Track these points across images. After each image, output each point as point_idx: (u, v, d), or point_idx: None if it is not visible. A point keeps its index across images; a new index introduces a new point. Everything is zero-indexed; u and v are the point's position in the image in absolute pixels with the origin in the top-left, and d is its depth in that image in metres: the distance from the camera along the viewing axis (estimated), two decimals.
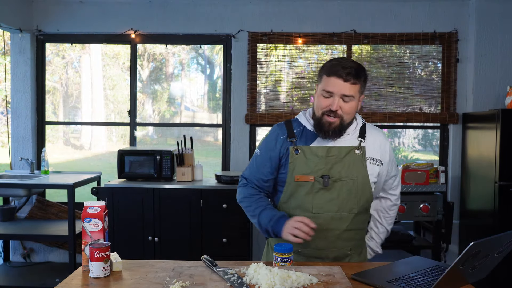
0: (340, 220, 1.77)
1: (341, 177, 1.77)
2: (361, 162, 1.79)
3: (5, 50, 4.66)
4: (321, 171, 1.76)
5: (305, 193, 1.78)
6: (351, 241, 1.82)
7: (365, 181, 1.79)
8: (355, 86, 1.72)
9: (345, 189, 1.77)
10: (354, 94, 1.73)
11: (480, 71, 3.95)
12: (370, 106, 4.10)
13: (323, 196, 1.77)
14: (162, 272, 1.58)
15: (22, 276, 3.80)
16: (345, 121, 1.76)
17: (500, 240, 1.32)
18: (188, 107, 8.20)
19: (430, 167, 3.55)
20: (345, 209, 1.77)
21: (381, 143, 1.86)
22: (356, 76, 1.72)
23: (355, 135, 1.83)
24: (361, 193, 1.79)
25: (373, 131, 1.88)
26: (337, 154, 1.78)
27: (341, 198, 1.77)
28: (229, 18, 4.06)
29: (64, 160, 9.14)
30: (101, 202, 1.64)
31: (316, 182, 1.76)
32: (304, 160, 1.78)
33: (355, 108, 1.77)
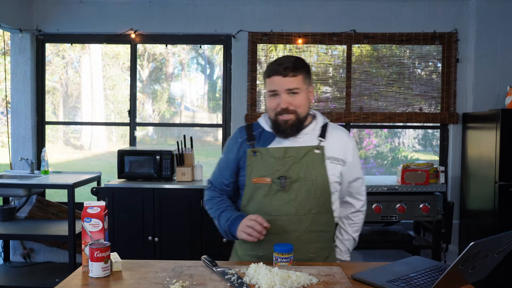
0: (299, 221, 1.75)
1: (299, 178, 1.74)
2: (320, 162, 1.76)
3: (5, 50, 4.66)
4: (279, 172, 1.74)
5: (263, 195, 1.76)
6: (313, 244, 1.78)
7: (325, 181, 1.76)
8: (296, 78, 1.71)
9: (303, 189, 1.74)
10: (298, 85, 1.72)
11: (480, 71, 3.95)
12: (370, 106, 4.10)
13: (281, 198, 1.75)
14: (162, 272, 1.58)
15: (22, 276, 3.80)
16: (301, 115, 1.74)
17: (500, 240, 1.32)
18: (188, 107, 8.20)
19: (430, 167, 3.55)
20: (303, 210, 1.74)
21: (343, 142, 1.83)
22: (294, 69, 1.71)
23: (315, 134, 1.80)
24: (320, 193, 1.76)
25: (335, 130, 1.85)
26: (295, 154, 1.75)
27: (299, 199, 1.74)
28: (229, 18, 4.06)
29: (64, 160, 9.14)
30: (101, 202, 1.64)
31: (274, 184, 1.74)
32: (262, 162, 1.77)
33: (306, 100, 1.75)
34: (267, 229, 1.69)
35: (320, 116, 1.86)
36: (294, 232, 1.75)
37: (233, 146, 1.85)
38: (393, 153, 7.44)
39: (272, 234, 1.73)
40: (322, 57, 4.13)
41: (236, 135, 1.88)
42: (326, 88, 4.19)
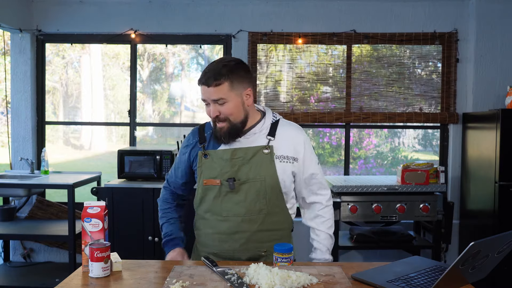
0: (250, 222, 1.76)
1: (248, 179, 1.74)
2: (269, 162, 1.75)
3: (5, 50, 4.65)
4: (228, 174, 1.75)
5: (214, 197, 1.78)
6: (265, 243, 1.79)
7: (274, 181, 1.75)
8: (219, 87, 1.67)
9: (253, 190, 1.75)
10: (223, 95, 1.67)
11: (480, 71, 3.95)
12: (370, 106, 4.10)
13: (231, 199, 1.76)
14: (162, 272, 1.58)
15: (22, 276, 3.80)
16: (234, 121, 1.72)
17: (500, 240, 1.32)
18: (188, 107, 8.20)
19: (430, 167, 3.55)
20: (254, 210, 1.75)
21: (293, 140, 1.80)
22: (217, 77, 1.66)
23: (264, 133, 1.79)
24: (270, 193, 1.76)
25: (286, 127, 1.82)
26: (243, 155, 1.75)
27: (249, 200, 1.75)
28: (229, 18, 4.06)
29: (64, 160, 9.15)
30: (101, 202, 1.64)
31: (223, 186, 1.75)
32: (211, 164, 1.78)
33: (237, 107, 1.71)
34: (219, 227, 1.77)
35: (270, 113, 1.84)
36: (246, 232, 1.77)
37: (186, 148, 1.87)
38: (393, 153, 7.44)
39: (224, 234, 1.78)
40: (322, 57, 4.13)
41: (189, 136, 1.90)
42: (326, 88, 4.19)
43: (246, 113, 1.75)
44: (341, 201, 3.39)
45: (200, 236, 1.89)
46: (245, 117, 1.75)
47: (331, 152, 7.64)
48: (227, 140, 1.75)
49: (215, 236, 1.81)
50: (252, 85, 1.79)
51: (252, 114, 1.79)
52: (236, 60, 1.76)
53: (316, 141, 7.73)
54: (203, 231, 1.86)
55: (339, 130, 6.04)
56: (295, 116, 4.04)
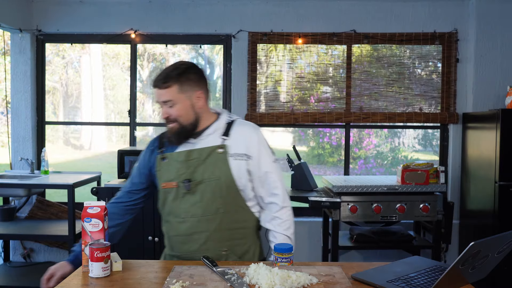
0: (207, 222, 1.78)
1: (204, 179, 1.77)
2: (223, 160, 1.77)
3: (5, 50, 4.65)
4: (184, 175, 1.78)
5: (172, 199, 1.81)
6: (225, 242, 1.81)
7: (230, 180, 1.77)
8: (168, 89, 1.73)
9: (208, 190, 1.77)
10: (172, 97, 1.73)
11: (480, 71, 3.95)
12: (370, 106, 4.10)
13: (188, 201, 1.79)
14: (162, 272, 1.58)
15: (22, 276, 3.80)
16: (184, 123, 1.76)
17: (500, 240, 1.32)
18: None
19: (430, 167, 3.55)
20: (210, 210, 1.77)
21: (247, 137, 1.81)
22: (165, 80, 1.72)
23: (218, 133, 1.81)
24: (227, 192, 1.77)
25: (241, 127, 1.84)
26: (198, 156, 1.78)
27: (205, 200, 1.77)
28: (229, 18, 4.06)
29: (64, 160, 9.15)
30: (101, 202, 1.64)
31: (180, 188, 1.78)
32: (169, 167, 1.81)
33: (186, 109, 1.75)
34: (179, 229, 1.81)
35: (226, 114, 1.87)
36: (204, 232, 1.79)
37: (145, 155, 1.91)
38: (393, 153, 7.44)
39: (183, 236, 1.81)
40: (322, 57, 4.13)
41: (149, 144, 1.94)
42: (326, 88, 4.19)
43: (197, 115, 1.79)
44: (341, 201, 3.39)
45: (165, 239, 1.92)
46: (195, 119, 1.78)
47: (331, 152, 7.65)
48: (176, 140, 1.79)
49: (175, 238, 1.85)
50: (204, 89, 1.81)
51: (206, 116, 1.82)
52: (188, 64, 1.80)
53: (316, 141, 7.73)
54: (167, 234, 1.90)
55: (339, 130, 6.05)
56: (295, 116, 4.04)
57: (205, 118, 1.82)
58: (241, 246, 1.86)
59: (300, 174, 3.63)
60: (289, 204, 1.90)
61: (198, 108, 1.78)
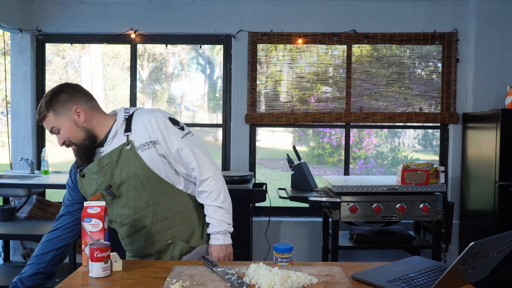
0: (142, 217, 1.79)
1: (123, 180, 1.76)
2: (134, 155, 1.75)
3: (5, 50, 4.65)
4: (104, 183, 1.78)
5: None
6: (167, 230, 1.81)
7: (147, 172, 1.75)
8: (46, 119, 1.76)
9: (131, 188, 1.76)
10: (52, 124, 1.75)
11: (480, 71, 3.95)
12: (370, 106, 4.10)
13: (117, 205, 1.80)
14: (162, 272, 1.58)
15: None
16: (78, 141, 1.76)
17: (500, 240, 1.32)
18: (188, 107, 8.20)
19: (430, 167, 3.55)
20: (140, 206, 1.78)
21: (147, 125, 1.76)
22: (39, 112, 1.77)
23: (121, 132, 1.79)
24: (149, 183, 1.76)
25: (139, 117, 1.79)
26: (109, 161, 1.77)
27: (132, 199, 1.77)
28: (229, 18, 4.06)
29: (64, 160, 9.14)
30: (101, 202, 1.64)
31: (105, 196, 1.79)
32: (88, 181, 1.81)
33: (71, 128, 1.75)
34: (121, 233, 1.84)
35: (122, 111, 1.83)
36: (143, 228, 1.80)
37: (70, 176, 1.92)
38: (393, 153, 7.44)
39: (127, 237, 1.85)
40: (322, 57, 4.13)
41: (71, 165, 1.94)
42: (326, 88, 4.19)
43: (86, 129, 1.77)
44: (341, 201, 3.39)
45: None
46: (86, 133, 1.77)
47: (331, 152, 7.64)
48: (84, 160, 1.79)
49: (123, 241, 1.89)
50: (81, 102, 1.78)
51: (101, 123, 1.80)
52: (55, 88, 1.80)
53: (316, 141, 7.73)
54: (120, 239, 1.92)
55: (339, 130, 6.04)
56: (295, 116, 4.04)
57: (101, 125, 1.79)
58: (185, 230, 1.84)
59: (300, 174, 3.63)
60: (211, 174, 1.81)
61: (82, 122, 1.75)
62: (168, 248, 1.82)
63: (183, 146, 1.78)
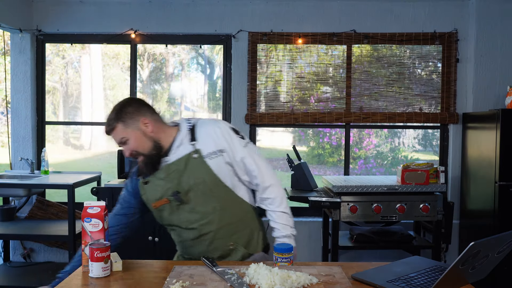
0: (209, 223, 1.83)
1: (191, 186, 1.81)
2: (202, 163, 1.81)
3: (5, 50, 4.66)
4: (171, 189, 1.82)
5: (169, 214, 1.87)
6: (230, 237, 1.87)
7: (214, 179, 1.81)
8: (115, 131, 1.80)
9: (199, 194, 1.81)
10: (121, 135, 1.80)
11: (480, 71, 3.95)
12: (370, 106, 4.10)
13: (184, 210, 1.84)
14: (162, 272, 1.58)
15: (22, 276, 3.80)
16: (146, 152, 1.81)
17: (500, 240, 1.32)
18: (188, 107, 8.20)
19: (430, 167, 3.55)
20: (208, 212, 1.82)
21: (213, 134, 1.85)
22: (109, 124, 1.81)
23: (186, 141, 1.85)
24: (216, 190, 1.82)
25: (203, 127, 1.88)
26: (176, 168, 1.82)
27: (200, 204, 1.82)
28: (229, 18, 4.06)
29: (64, 160, 9.14)
30: (101, 202, 1.64)
31: (172, 201, 1.83)
32: (153, 187, 1.85)
33: (140, 138, 1.80)
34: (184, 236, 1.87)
35: (184, 122, 1.91)
36: (208, 234, 1.84)
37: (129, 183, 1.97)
38: (393, 153, 7.44)
39: (189, 241, 1.87)
40: (322, 57, 4.13)
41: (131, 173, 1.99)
42: (326, 88, 4.19)
43: (153, 139, 1.83)
44: (341, 201, 3.39)
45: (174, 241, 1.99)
46: (153, 144, 1.82)
47: (331, 152, 7.64)
48: (151, 169, 1.84)
49: (184, 243, 1.91)
50: (148, 114, 1.85)
51: (166, 134, 1.86)
52: (123, 101, 1.87)
53: (316, 141, 7.73)
54: (175, 239, 1.97)
55: (339, 130, 6.04)
56: (295, 116, 4.04)
57: (166, 136, 1.86)
58: (245, 237, 1.91)
59: (300, 174, 3.63)
60: (273, 182, 1.90)
61: (150, 133, 1.82)
62: (230, 254, 1.87)
63: (246, 155, 1.88)
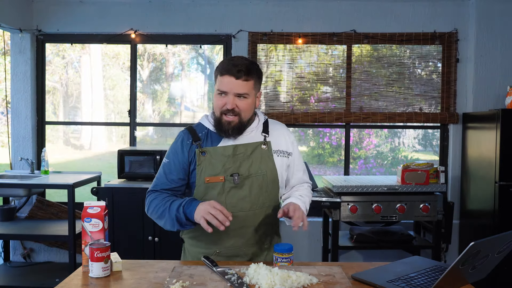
0: (254, 216, 1.80)
1: (251, 174, 1.79)
2: (268, 156, 1.82)
3: (5, 50, 4.66)
4: (230, 170, 1.78)
5: (218, 194, 1.77)
6: (267, 236, 1.86)
7: (274, 175, 1.82)
8: (247, 83, 1.73)
9: (255, 185, 1.79)
10: (248, 91, 1.74)
11: (480, 71, 3.95)
12: (370, 106, 4.10)
13: (235, 195, 1.78)
14: (162, 272, 1.58)
15: (22, 276, 3.80)
16: (244, 119, 1.77)
17: (500, 240, 1.32)
18: (188, 107, 8.20)
19: (430, 167, 3.55)
20: (257, 204, 1.80)
21: (285, 136, 1.91)
22: (248, 73, 1.72)
23: (259, 131, 1.86)
24: (272, 187, 1.82)
25: (276, 125, 1.93)
26: (244, 151, 1.80)
27: (253, 194, 1.79)
28: (229, 18, 4.06)
29: (64, 160, 9.14)
30: (101, 202, 1.64)
31: (227, 181, 1.77)
32: (212, 161, 1.78)
33: (252, 105, 1.78)
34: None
35: (261, 114, 1.93)
36: (251, 227, 1.80)
37: (181, 148, 1.82)
38: (393, 153, 7.44)
39: (229, 230, 1.73)
40: (322, 57, 4.13)
41: (181, 137, 1.85)
42: (326, 88, 4.19)
43: (253, 113, 1.84)
44: (341, 201, 3.39)
45: (197, 237, 1.85)
46: (251, 116, 1.82)
47: (331, 152, 7.64)
48: (234, 134, 1.78)
49: (220, 233, 1.75)
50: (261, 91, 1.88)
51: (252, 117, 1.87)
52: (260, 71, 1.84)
53: (316, 141, 7.72)
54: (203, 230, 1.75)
55: (339, 130, 6.04)
56: (295, 116, 4.04)
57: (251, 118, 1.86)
58: (275, 241, 1.91)
59: None
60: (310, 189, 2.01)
61: (256, 106, 1.83)
62: (263, 253, 1.84)
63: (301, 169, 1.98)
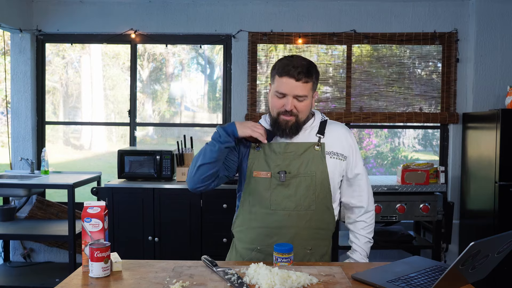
0: (298, 217, 1.76)
1: (299, 173, 1.76)
2: (320, 158, 1.78)
3: (5, 50, 4.66)
4: (279, 167, 1.77)
5: (264, 189, 1.78)
6: (310, 240, 1.80)
7: (324, 177, 1.77)
8: (307, 84, 1.72)
9: (303, 185, 1.76)
10: (307, 93, 1.72)
11: (480, 71, 3.95)
12: (370, 106, 4.10)
13: (280, 193, 1.76)
14: (162, 272, 1.58)
15: (22, 276, 3.80)
16: (301, 119, 1.76)
17: (500, 240, 1.32)
18: (188, 107, 8.19)
19: (430, 167, 3.55)
20: (303, 205, 1.76)
21: (342, 138, 1.84)
22: (307, 75, 1.71)
23: (314, 131, 1.82)
24: (320, 189, 1.77)
25: (335, 126, 1.87)
26: (295, 150, 1.78)
27: (299, 195, 1.76)
28: (229, 18, 4.06)
29: (64, 160, 9.14)
30: (101, 202, 1.64)
31: (274, 178, 1.76)
32: (263, 156, 1.79)
33: (309, 105, 1.77)
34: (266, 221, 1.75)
35: (319, 113, 1.88)
36: (293, 228, 1.77)
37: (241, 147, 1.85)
38: (393, 153, 7.43)
39: (271, 228, 1.76)
40: (322, 57, 4.13)
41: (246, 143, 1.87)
42: (326, 88, 4.19)
43: (309, 113, 1.81)
44: None
45: (242, 232, 1.85)
46: (307, 116, 1.81)
47: None
48: (291, 134, 1.77)
49: (261, 230, 1.79)
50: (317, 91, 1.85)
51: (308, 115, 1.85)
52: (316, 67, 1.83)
53: None
54: (247, 225, 1.82)
55: None
56: None
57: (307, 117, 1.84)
58: (322, 247, 1.85)
59: None
60: (373, 208, 1.93)
61: (312, 107, 1.81)
62: (304, 257, 1.79)
63: (362, 172, 1.87)
